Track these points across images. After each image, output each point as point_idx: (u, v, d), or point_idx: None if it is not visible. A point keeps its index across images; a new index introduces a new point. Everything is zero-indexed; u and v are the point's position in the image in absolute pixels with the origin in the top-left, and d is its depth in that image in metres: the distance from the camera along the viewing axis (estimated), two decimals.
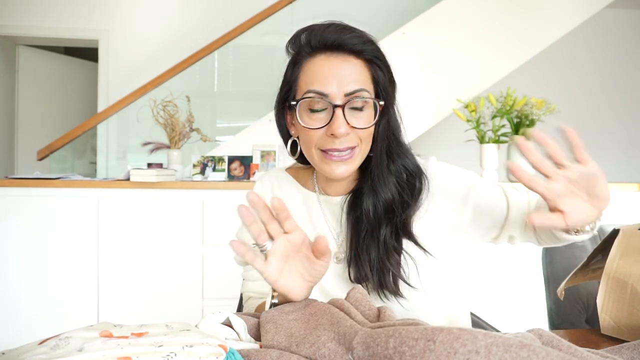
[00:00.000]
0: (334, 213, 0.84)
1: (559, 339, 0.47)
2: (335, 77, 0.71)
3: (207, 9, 4.07)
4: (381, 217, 0.76)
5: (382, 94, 0.76)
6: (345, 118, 0.71)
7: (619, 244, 0.70)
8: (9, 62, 4.25)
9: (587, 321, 1.10)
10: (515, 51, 3.08)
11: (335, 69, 0.72)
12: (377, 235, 0.75)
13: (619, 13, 4.61)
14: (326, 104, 0.72)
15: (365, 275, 0.75)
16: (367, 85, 0.74)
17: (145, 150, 2.48)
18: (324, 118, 0.73)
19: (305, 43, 0.74)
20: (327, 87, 0.71)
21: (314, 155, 0.76)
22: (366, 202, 0.76)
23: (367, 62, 0.74)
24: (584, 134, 0.58)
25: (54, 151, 2.75)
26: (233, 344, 0.52)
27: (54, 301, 2.05)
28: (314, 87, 0.72)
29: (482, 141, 2.29)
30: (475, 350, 0.38)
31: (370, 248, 0.75)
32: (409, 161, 0.79)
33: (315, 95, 0.72)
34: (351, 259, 0.77)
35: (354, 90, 0.71)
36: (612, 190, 2.32)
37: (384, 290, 0.74)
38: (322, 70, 0.72)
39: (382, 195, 0.76)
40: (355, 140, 0.74)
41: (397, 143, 0.78)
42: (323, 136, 0.73)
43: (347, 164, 0.74)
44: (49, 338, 0.45)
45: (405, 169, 0.78)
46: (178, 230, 2.11)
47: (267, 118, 3.00)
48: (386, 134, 0.77)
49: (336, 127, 0.70)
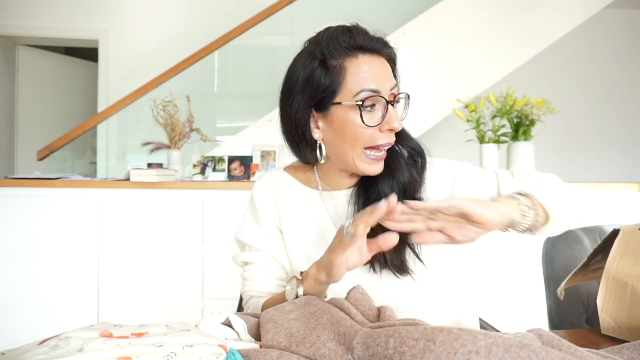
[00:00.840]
0: (337, 208, 0.85)
1: (559, 339, 0.47)
2: (381, 74, 0.76)
3: (207, 9, 4.07)
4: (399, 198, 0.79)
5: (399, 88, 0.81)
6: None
7: (619, 244, 0.70)
8: (9, 62, 4.25)
9: (587, 321, 1.09)
10: (515, 51, 3.08)
11: (379, 67, 0.76)
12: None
13: (618, 13, 4.61)
14: (378, 101, 0.75)
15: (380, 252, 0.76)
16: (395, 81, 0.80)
17: (145, 150, 2.48)
18: (376, 115, 0.76)
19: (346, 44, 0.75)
20: (379, 84, 0.75)
21: (355, 154, 0.77)
22: (384, 186, 0.80)
23: (390, 62, 0.80)
24: (584, 134, 0.58)
25: (54, 151, 2.75)
26: (233, 344, 0.52)
27: (54, 301, 2.05)
28: (368, 86, 0.74)
29: (482, 141, 2.29)
30: (475, 350, 0.38)
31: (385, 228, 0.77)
32: (414, 142, 0.85)
33: (371, 92, 0.74)
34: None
35: (395, 85, 0.78)
36: (612, 190, 2.32)
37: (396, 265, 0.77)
38: (371, 69, 0.75)
39: (400, 177, 0.81)
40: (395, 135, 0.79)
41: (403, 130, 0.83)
42: (376, 133, 0.76)
43: (382, 161, 0.79)
44: (49, 338, 0.45)
45: (412, 149, 0.84)
46: (178, 230, 2.11)
47: (267, 118, 3.00)
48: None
49: (393, 122, 0.75)
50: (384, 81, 0.75)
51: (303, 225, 0.86)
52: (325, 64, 0.75)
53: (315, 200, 0.86)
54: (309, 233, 0.85)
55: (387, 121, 0.75)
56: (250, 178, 2.39)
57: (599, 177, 4.43)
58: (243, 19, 3.12)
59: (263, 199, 0.89)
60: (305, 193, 0.87)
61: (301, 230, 0.85)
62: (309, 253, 0.84)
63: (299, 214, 0.86)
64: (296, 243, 0.85)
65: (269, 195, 0.88)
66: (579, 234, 1.14)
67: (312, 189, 0.87)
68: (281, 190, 0.88)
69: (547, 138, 3.30)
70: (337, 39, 0.75)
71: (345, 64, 0.75)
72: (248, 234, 0.89)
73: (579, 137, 4.55)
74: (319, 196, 0.86)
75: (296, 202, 0.87)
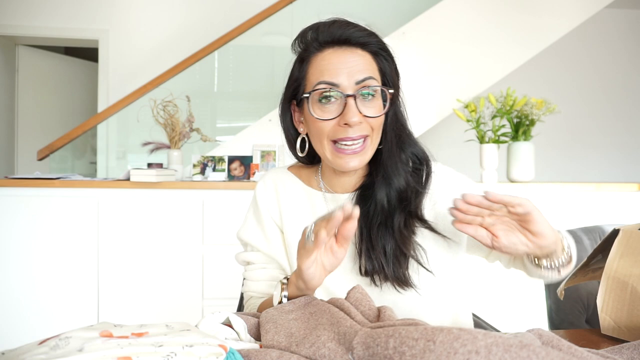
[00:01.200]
0: None
1: (558, 339, 0.47)
2: (344, 67, 0.74)
3: (207, 9, 4.07)
4: (395, 207, 0.77)
5: (389, 84, 0.78)
6: (357, 107, 0.73)
7: (619, 244, 0.70)
8: (9, 62, 4.25)
9: (587, 321, 1.09)
10: (515, 51, 3.08)
11: (343, 60, 0.74)
12: (391, 225, 0.76)
13: (618, 13, 4.61)
14: (337, 95, 0.74)
15: (380, 266, 0.75)
16: (375, 74, 0.76)
17: (145, 150, 2.48)
18: (336, 109, 0.74)
19: (313, 40, 0.76)
20: (338, 77, 0.73)
21: (326, 149, 0.77)
22: (379, 193, 0.78)
23: (372, 54, 0.77)
24: (584, 134, 0.59)
25: (54, 151, 2.75)
26: (233, 344, 0.52)
27: (54, 301, 2.05)
28: (324, 79, 0.74)
29: (482, 141, 2.29)
30: (475, 350, 0.38)
31: (385, 238, 0.76)
32: (418, 148, 0.82)
33: (327, 85, 0.74)
34: (362, 251, 0.77)
35: (364, 79, 0.74)
36: (612, 190, 2.33)
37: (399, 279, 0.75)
38: (332, 62, 0.74)
39: (396, 184, 0.78)
40: (368, 130, 0.75)
41: (405, 132, 0.81)
42: (335, 127, 0.74)
43: (359, 156, 0.75)
44: (49, 338, 0.45)
45: (414, 156, 0.81)
46: (178, 230, 2.11)
47: (267, 118, 3.00)
48: (395, 124, 0.80)
49: (350, 116, 0.72)
50: (346, 74, 0.73)
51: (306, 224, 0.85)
52: (300, 59, 0.79)
53: (318, 201, 0.85)
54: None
55: (343, 116, 0.73)
56: (250, 178, 2.39)
57: (599, 177, 4.43)
58: (243, 19, 3.12)
59: (265, 198, 0.88)
60: (308, 194, 0.87)
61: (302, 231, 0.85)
62: None
63: (301, 215, 0.85)
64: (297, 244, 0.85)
65: (271, 194, 0.88)
66: (579, 234, 1.14)
67: (316, 190, 0.87)
68: (284, 189, 0.88)
69: (547, 138, 3.30)
70: (305, 35, 0.78)
71: (311, 57, 0.77)
72: (249, 233, 0.88)
73: (579, 137, 4.55)
74: (322, 198, 0.85)
75: (299, 203, 0.86)
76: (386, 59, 0.78)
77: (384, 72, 0.78)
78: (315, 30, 0.76)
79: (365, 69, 0.74)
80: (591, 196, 2.27)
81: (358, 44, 0.75)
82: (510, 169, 2.31)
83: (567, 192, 2.26)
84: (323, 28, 0.76)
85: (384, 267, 0.75)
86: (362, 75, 0.74)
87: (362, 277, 0.78)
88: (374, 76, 0.75)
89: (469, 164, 2.84)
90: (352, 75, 0.73)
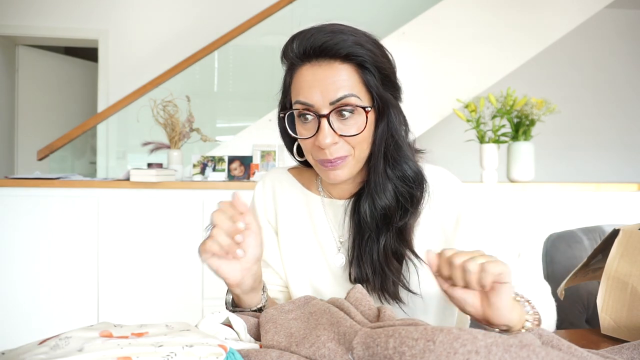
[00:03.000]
0: (337, 216, 0.83)
1: (558, 339, 0.47)
2: (319, 86, 0.70)
3: (207, 9, 4.08)
4: (379, 223, 0.75)
5: (375, 97, 0.73)
6: (332, 127, 0.70)
7: (619, 244, 0.70)
8: (9, 62, 4.25)
9: (587, 321, 1.09)
10: (515, 51, 3.08)
11: (319, 78, 0.70)
12: (378, 240, 0.75)
13: (618, 13, 4.61)
14: (312, 115, 0.71)
15: (367, 277, 0.75)
16: (357, 89, 0.71)
17: (145, 150, 2.48)
18: (312, 127, 0.72)
19: (294, 51, 0.72)
20: (312, 97, 0.70)
21: (312, 161, 0.77)
22: (363, 207, 0.75)
23: (356, 66, 0.71)
24: (584, 134, 0.58)
25: (54, 151, 2.75)
26: (233, 344, 0.52)
27: (54, 301, 2.05)
28: (299, 98, 0.71)
29: (482, 141, 2.29)
30: (475, 350, 0.38)
31: (372, 250, 0.75)
32: (409, 167, 0.75)
33: (301, 106, 0.71)
34: (353, 259, 0.77)
35: (340, 98, 0.69)
36: (612, 190, 2.32)
37: (384, 293, 0.74)
38: (307, 80, 0.71)
39: (380, 201, 0.74)
40: (346, 149, 0.72)
41: (395, 147, 0.74)
42: (314, 146, 0.73)
43: (341, 169, 0.73)
44: (49, 338, 0.45)
45: (404, 175, 0.75)
46: (178, 230, 2.11)
47: (267, 118, 3.00)
48: (384, 138, 0.74)
49: (322, 139, 0.70)
50: (320, 92, 0.69)
51: (300, 229, 0.85)
52: (287, 69, 0.77)
53: (315, 205, 0.85)
54: (305, 237, 0.84)
55: (317, 137, 0.70)
56: (250, 178, 2.39)
57: (599, 177, 4.43)
58: (243, 19, 3.13)
59: (262, 200, 0.88)
60: (307, 197, 0.86)
61: (298, 234, 0.84)
62: (303, 257, 0.83)
63: (298, 218, 0.85)
64: (291, 246, 0.85)
65: (269, 196, 0.88)
66: (579, 234, 1.14)
67: (314, 194, 0.86)
68: (282, 191, 0.87)
69: (547, 138, 3.30)
70: (289, 45, 0.74)
71: (294, 71, 0.74)
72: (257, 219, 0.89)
73: (579, 137, 4.55)
74: (320, 202, 0.85)
75: (296, 206, 0.86)
76: (371, 72, 0.71)
77: (369, 85, 0.72)
78: (299, 39, 0.72)
79: (344, 85, 0.69)
80: (591, 196, 2.27)
81: (339, 56, 0.70)
82: (510, 169, 2.31)
83: (567, 192, 2.26)
84: (304, 39, 0.71)
85: (369, 278, 0.74)
86: (338, 93, 0.69)
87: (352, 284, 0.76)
88: (355, 92, 0.70)
89: (469, 164, 2.84)
90: (326, 94, 0.69)
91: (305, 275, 0.83)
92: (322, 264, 0.82)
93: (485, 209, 0.80)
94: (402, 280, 0.75)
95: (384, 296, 0.74)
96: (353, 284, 0.76)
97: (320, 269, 0.82)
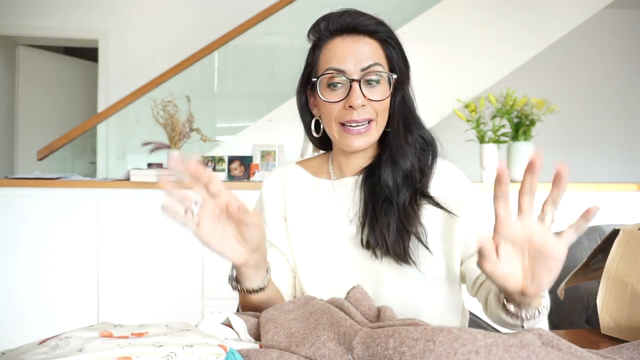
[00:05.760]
0: (346, 193, 0.86)
1: (558, 339, 0.47)
2: (351, 55, 0.78)
3: (207, 9, 4.08)
4: (400, 185, 0.81)
5: (396, 70, 0.82)
6: (362, 91, 0.77)
7: (619, 244, 0.70)
8: (9, 62, 4.25)
9: (587, 321, 1.09)
10: (515, 51, 3.08)
11: (351, 48, 0.79)
12: (397, 201, 0.80)
13: (619, 13, 4.61)
14: (344, 80, 0.78)
15: (382, 239, 0.77)
16: (382, 61, 0.80)
17: (145, 150, 2.48)
18: (342, 93, 0.79)
19: (324, 28, 0.81)
20: (344, 64, 0.78)
21: (334, 130, 0.81)
22: (385, 172, 0.81)
23: (380, 42, 0.81)
24: (584, 134, 0.58)
25: (54, 151, 2.75)
26: (233, 344, 0.52)
27: (54, 301, 2.05)
28: (332, 65, 0.79)
29: (482, 141, 2.29)
30: (475, 350, 0.38)
31: (388, 214, 0.79)
32: (424, 131, 0.86)
33: (334, 72, 0.78)
34: (365, 223, 0.80)
35: (369, 65, 0.78)
36: (612, 190, 2.32)
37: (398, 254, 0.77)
38: (340, 49, 0.79)
39: (402, 164, 0.81)
40: (372, 113, 0.79)
41: (412, 116, 0.85)
42: (342, 110, 0.79)
43: (364, 137, 0.79)
44: (49, 338, 0.45)
45: (421, 138, 0.85)
46: (178, 230, 2.11)
47: (267, 118, 3.00)
48: (402, 108, 0.84)
49: (354, 99, 0.76)
50: (352, 60, 0.78)
51: (310, 214, 0.87)
52: (313, 46, 0.84)
53: (325, 189, 0.88)
54: (315, 222, 0.86)
55: (348, 98, 0.77)
56: (250, 178, 2.39)
57: (599, 177, 4.43)
58: (243, 19, 3.13)
59: (271, 190, 0.91)
60: (315, 183, 0.89)
61: (307, 219, 0.87)
62: (313, 241, 0.85)
63: (307, 204, 0.88)
64: (300, 231, 0.87)
65: (277, 187, 0.91)
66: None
67: (324, 178, 0.89)
68: (290, 182, 0.90)
69: (547, 138, 3.29)
70: (317, 24, 0.83)
71: (322, 45, 0.82)
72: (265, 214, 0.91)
73: (579, 137, 4.55)
74: (330, 185, 0.88)
75: (305, 193, 0.89)
76: (394, 47, 0.82)
77: (391, 59, 0.82)
78: (327, 19, 0.81)
79: (372, 56, 0.79)
80: (591, 196, 2.27)
81: (366, 32, 0.80)
82: (510, 169, 2.31)
83: (567, 192, 2.26)
84: (334, 17, 0.80)
85: (385, 241, 0.77)
86: (367, 62, 0.78)
87: (363, 249, 0.80)
88: (380, 62, 0.79)
89: (469, 164, 2.83)
90: (358, 62, 0.78)
91: (314, 258, 0.85)
92: (332, 241, 0.84)
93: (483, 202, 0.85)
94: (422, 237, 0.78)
95: (396, 258, 0.77)
96: (365, 249, 0.80)
97: (330, 246, 0.84)
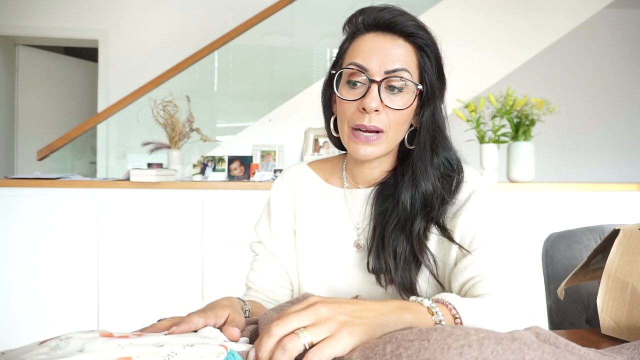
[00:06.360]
0: (357, 204, 0.82)
1: (556, 337, 0.47)
2: (379, 54, 0.71)
3: (207, 9, 4.08)
4: (418, 211, 0.75)
5: (426, 82, 0.74)
6: (380, 95, 0.71)
7: (619, 244, 0.70)
8: (9, 62, 4.25)
9: (587, 321, 1.09)
10: (515, 51, 3.08)
11: (381, 46, 0.72)
12: (410, 229, 0.74)
13: (618, 13, 4.61)
14: (364, 79, 0.72)
15: (386, 266, 0.73)
16: (412, 68, 0.73)
17: (145, 150, 2.48)
18: (360, 93, 0.72)
19: (360, 22, 0.75)
20: (369, 62, 0.71)
21: (345, 132, 0.75)
22: (404, 194, 0.75)
23: (416, 48, 0.74)
24: (584, 134, 0.58)
25: (54, 151, 2.75)
26: (233, 344, 0.52)
27: (54, 301, 2.05)
28: (356, 60, 0.72)
29: (482, 141, 2.29)
30: (468, 344, 0.38)
31: (398, 240, 0.74)
32: (452, 154, 0.78)
33: (356, 67, 0.72)
34: (372, 248, 0.76)
35: (395, 69, 0.71)
36: (612, 190, 2.32)
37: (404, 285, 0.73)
38: (367, 45, 0.73)
39: (423, 187, 0.75)
40: (384, 123, 0.72)
41: (442, 136, 0.77)
42: (356, 111, 0.72)
43: (372, 146, 0.73)
44: (49, 338, 0.45)
45: (447, 161, 0.77)
46: (178, 230, 2.11)
47: (267, 118, 3.00)
48: (431, 125, 0.75)
49: (368, 102, 0.70)
50: (378, 60, 0.71)
51: (319, 225, 0.83)
52: (345, 38, 0.78)
53: (337, 198, 0.83)
54: (324, 233, 0.83)
55: (363, 99, 0.71)
56: (250, 178, 2.39)
57: (599, 177, 4.43)
58: (243, 19, 3.12)
59: (280, 198, 0.87)
60: (327, 191, 0.85)
61: (316, 231, 0.83)
62: (319, 255, 0.83)
63: (317, 212, 0.84)
64: (308, 243, 0.84)
65: (287, 194, 0.87)
66: (578, 233, 1.14)
67: (335, 186, 0.85)
68: (300, 187, 0.86)
69: (547, 138, 3.30)
70: (354, 16, 0.76)
71: (354, 38, 0.76)
72: (259, 227, 0.90)
73: (579, 137, 4.55)
74: (342, 194, 0.83)
75: (315, 200, 0.85)
76: (429, 56, 0.74)
77: (423, 69, 0.74)
78: (365, 12, 0.75)
79: (401, 60, 0.71)
80: (591, 196, 2.27)
81: (402, 33, 0.73)
82: (510, 169, 2.31)
83: (567, 192, 2.26)
84: (371, 11, 0.74)
85: (390, 269, 0.73)
86: (394, 65, 0.71)
87: (369, 273, 0.76)
88: (409, 69, 0.72)
89: (469, 164, 2.83)
90: (384, 63, 0.71)
91: (320, 274, 0.82)
92: (339, 258, 0.81)
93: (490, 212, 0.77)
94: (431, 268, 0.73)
95: (402, 289, 0.73)
96: (371, 274, 0.76)
97: (336, 263, 0.81)
